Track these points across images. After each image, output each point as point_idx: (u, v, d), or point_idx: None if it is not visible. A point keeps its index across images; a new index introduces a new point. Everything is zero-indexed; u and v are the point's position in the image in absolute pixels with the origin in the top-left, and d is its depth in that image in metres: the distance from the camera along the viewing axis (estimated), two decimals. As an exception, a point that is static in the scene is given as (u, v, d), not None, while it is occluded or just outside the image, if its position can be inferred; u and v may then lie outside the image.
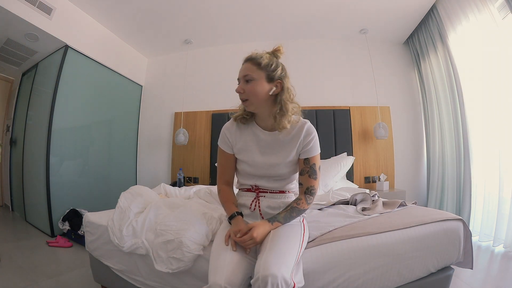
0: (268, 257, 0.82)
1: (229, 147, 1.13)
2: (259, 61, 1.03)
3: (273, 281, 0.74)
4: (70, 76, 2.65)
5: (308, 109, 3.10)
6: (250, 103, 1.04)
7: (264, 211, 1.09)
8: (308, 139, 1.05)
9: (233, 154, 1.14)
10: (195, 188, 2.00)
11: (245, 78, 1.04)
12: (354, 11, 2.79)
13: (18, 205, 3.16)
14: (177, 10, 2.75)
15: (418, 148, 3.19)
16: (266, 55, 1.06)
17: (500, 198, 2.06)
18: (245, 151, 1.11)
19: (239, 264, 0.86)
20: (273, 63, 1.04)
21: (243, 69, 1.05)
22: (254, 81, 1.02)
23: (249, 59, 1.05)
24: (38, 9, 2.24)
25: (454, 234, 1.13)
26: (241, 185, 1.17)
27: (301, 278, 0.86)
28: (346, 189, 2.25)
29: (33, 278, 1.62)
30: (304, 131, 1.06)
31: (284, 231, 0.96)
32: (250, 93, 1.02)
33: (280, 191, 1.11)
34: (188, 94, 3.54)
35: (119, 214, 1.30)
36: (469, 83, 2.42)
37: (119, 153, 3.41)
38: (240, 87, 1.04)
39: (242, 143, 1.11)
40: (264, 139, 1.09)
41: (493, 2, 2.07)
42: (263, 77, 1.03)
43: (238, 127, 1.13)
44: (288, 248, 0.87)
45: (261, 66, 1.03)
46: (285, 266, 0.79)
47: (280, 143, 1.08)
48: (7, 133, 3.61)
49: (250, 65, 1.04)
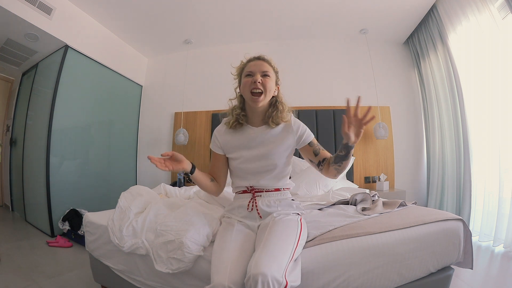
0: (260, 255, 0.82)
1: (219, 148, 1.20)
2: (273, 65, 1.15)
3: (263, 280, 0.74)
4: (70, 76, 2.65)
5: (308, 109, 3.10)
6: (263, 97, 1.09)
7: (262, 210, 1.10)
8: (300, 130, 1.15)
9: (224, 155, 1.20)
10: (195, 188, 2.00)
11: (264, 73, 1.10)
12: (354, 11, 2.79)
13: (18, 205, 3.16)
14: (177, 10, 2.75)
15: (418, 148, 3.19)
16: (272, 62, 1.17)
17: (500, 198, 2.06)
18: (237, 148, 1.16)
19: (240, 262, 0.87)
20: (278, 71, 1.18)
21: (260, 65, 1.12)
22: (270, 77, 1.11)
23: (264, 59, 1.14)
24: (38, 9, 2.24)
25: (454, 234, 1.13)
26: (236, 187, 1.19)
27: (297, 277, 0.86)
28: (346, 189, 2.26)
29: (33, 278, 1.62)
30: (293, 125, 1.15)
31: (280, 229, 0.97)
32: (267, 87, 1.09)
33: (275, 189, 1.14)
34: (188, 94, 3.54)
35: (119, 214, 1.30)
36: (469, 83, 2.42)
37: (119, 153, 3.41)
38: (259, 78, 1.09)
39: (234, 142, 1.16)
40: (254, 134, 1.15)
41: (493, 2, 2.07)
42: (274, 78, 1.14)
43: (228, 130, 1.18)
44: (281, 246, 0.88)
45: (274, 70, 1.15)
46: (276, 265, 0.79)
47: (269, 135, 1.14)
48: (7, 133, 3.61)
49: (266, 64, 1.13)
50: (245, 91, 1.11)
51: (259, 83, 1.07)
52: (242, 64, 1.18)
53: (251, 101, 1.10)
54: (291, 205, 1.14)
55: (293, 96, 3.36)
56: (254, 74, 1.10)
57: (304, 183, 2.29)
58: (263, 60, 1.13)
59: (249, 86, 1.09)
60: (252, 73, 1.10)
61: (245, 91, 1.11)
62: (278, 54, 3.45)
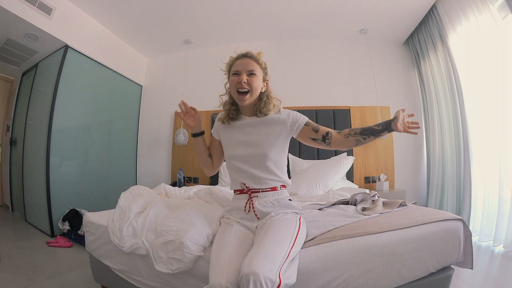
0: (253, 254, 0.83)
1: (215, 132, 1.27)
2: (260, 62, 1.15)
3: (255, 279, 0.74)
4: (70, 76, 2.65)
5: (308, 109, 3.10)
6: (249, 96, 1.12)
7: (259, 210, 1.09)
8: (292, 116, 1.16)
9: (218, 141, 1.27)
10: (195, 188, 2.00)
11: (250, 72, 1.11)
12: (354, 11, 2.79)
13: (18, 205, 3.16)
14: (177, 10, 2.75)
15: (418, 148, 3.19)
16: (260, 57, 1.17)
17: (500, 198, 2.06)
18: (230, 137, 1.20)
19: (238, 262, 0.86)
20: (266, 66, 1.18)
21: (246, 63, 1.12)
22: (256, 76, 1.12)
23: (250, 57, 1.14)
24: (38, 9, 2.24)
25: (454, 234, 1.13)
26: (233, 183, 1.21)
27: (292, 275, 0.86)
28: (346, 189, 2.25)
29: (33, 278, 1.62)
30: (283, 113, 1.17)
31: (276, 228, 0.97)
32: (253, 86, 1.11)
33: (272, 188, 1.14)
34: (188, 94, 3.54)
35: (119, 214, 1.30)
36: (469, 83, 2.42)
37: (119, 153, 3.41)
38: (245, 78, 1.10)
39: (227, 131, 1.22)
40: (245, 122, 1.19)
41: (493, 2, 2.07)
42: (261, 76, 1.15)
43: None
44: (276, 245, 0.88)
45: (262, 67, 1.15)
46: (269, 263, 0.79)
47: (259, 124, 1.16)
48: (7, 133, 3.61)
49: (253, 62, 1.12)
50: (231, 89, 1.15)
51: (244, 83, 1.10)
52: (230, 61, 1.19)
53: (237, 100, 1.14)
54: (289, 205, 1.13)
55: (293, 96, 3.41)
56: (240, 73, 1.11)
57: (304, 183, 2.29)
58: (250, 58, 1.13)
59: (235, 85, 1.12)
60: (238, 72, 1.12)
61: (231, 89, 1.15)
62: (278, 54, 3.46)
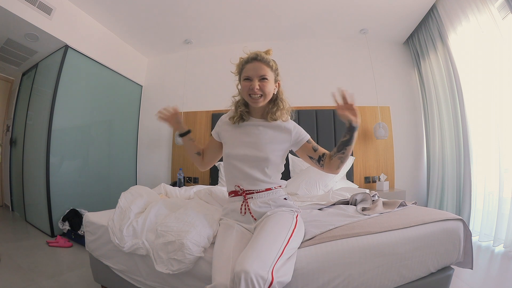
0: (245, 253, 0.83)
1: (216, 133, 1.26)
2: (271, 64, 1.12)
3: (246, 277, 0.74)
4: (70, 76, 2.65)
5: (308, 109, 3.10)
6: (263, 100, 1.12)
7: (255, 211, 1.10)
8: (297, 130, 1.19)
9: (217, 141, 1.27)
10: (195, 188, 2.00)
11: (261, 77, 1.10)
12: (354, 11, 2.79)
13: (18, 205, 3.16)
14: (177, 10, 2.75)
15: (418, 148, 3.19)
16: (270, 58, 1.14)
17: (500, 198, 2.06)
18: (233, 136, 1.19)
19: None
20: (277, 67, 1.15)
21: (257, 68, 1.10)
22: (268, 80, 1.11)
23: (261, 60, 1.11)
24: (38, 9, 2.23)
25: (454, 234, 1.13)
26: (228, 184, 1.20)
27: (287, 273, 0.85)
28: (346, 189, 2.25)
29: (33, 278, 1.62)
30: (290, 125, 1.18)
31: (270, 226, 0.97)
32: (266, 91, 1.11)
33: (266, 188, 1.13)
34: (188, 94, 3.54)
35: (120, 214, 1.29)
36: (469, 83, 2.42)
37: (119, 153, 3.41)
38: (257, 85, 1.09)
39: (232, 131, 1.20)
40: (251, 123, 1.19)
41: (493, 2, 2.07)
42: (273, 78, 1.14)
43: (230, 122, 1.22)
44: (269, 242, 0.88)
45: (273, 69, 1.13)
46: (260, 261, 0.79)
47: (266, 128, 1.17)
48: (7, 133, 3.61)
49: (263, 65, 1.11)
50: (244, 94, 1.14)
51: (257, 89, 1.09)
52: (240, 62, 1.17)
53: (251, 103, 1.14)
54: (284, 203, 1.14)
55: (293, 96, 3.34)
56: (252, 78, 1.10)
57: (304, 183, 2.29)
58: (260, 62, 1.10)
59: (248, 91, 1.11)
60: (250, 77, 1.10)
61: (244, 94, 1.14)
62: (278, 54, 3.43)
